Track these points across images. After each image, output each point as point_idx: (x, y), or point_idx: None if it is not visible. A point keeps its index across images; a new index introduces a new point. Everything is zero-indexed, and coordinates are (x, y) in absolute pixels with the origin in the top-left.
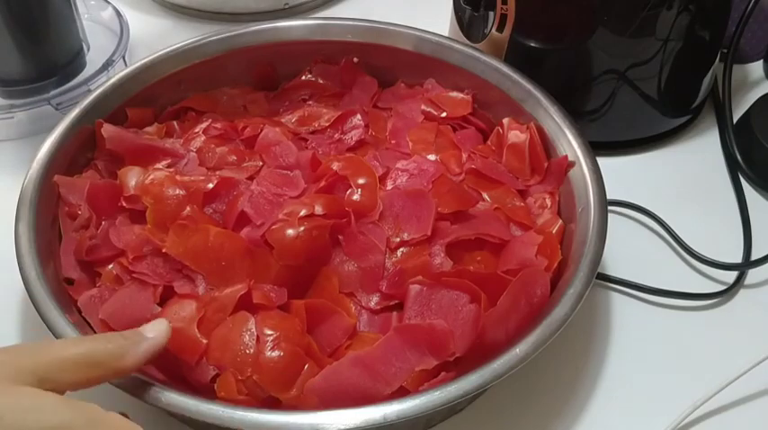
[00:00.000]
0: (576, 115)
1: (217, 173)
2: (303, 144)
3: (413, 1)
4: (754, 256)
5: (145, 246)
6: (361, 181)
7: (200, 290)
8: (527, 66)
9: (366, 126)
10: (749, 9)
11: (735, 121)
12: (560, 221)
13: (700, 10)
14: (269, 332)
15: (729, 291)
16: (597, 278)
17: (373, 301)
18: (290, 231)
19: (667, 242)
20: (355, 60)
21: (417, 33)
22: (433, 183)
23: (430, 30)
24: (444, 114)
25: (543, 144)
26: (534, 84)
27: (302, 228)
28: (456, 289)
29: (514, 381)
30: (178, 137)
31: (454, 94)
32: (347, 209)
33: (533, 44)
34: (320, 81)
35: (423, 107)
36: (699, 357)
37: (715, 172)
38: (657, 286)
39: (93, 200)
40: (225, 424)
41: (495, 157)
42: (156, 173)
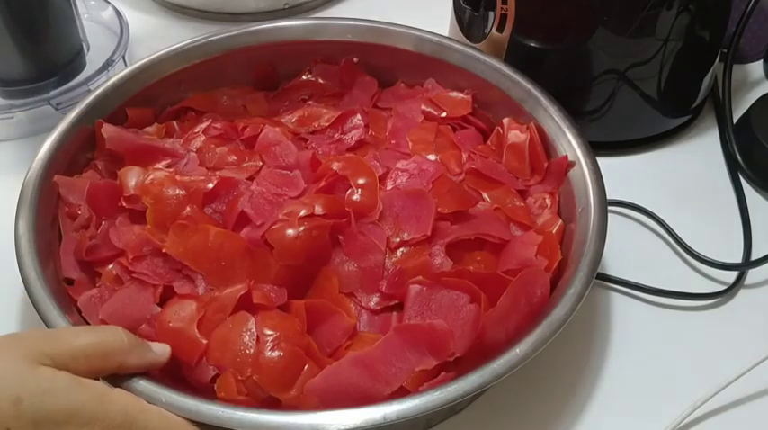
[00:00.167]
0: (576, 115)
1: (217, 173)
2: (303, 144)
3: (413, 1)
4: (754, 256)
5: (145, 246)
6: (361, 181)
7: (199, 290)
8: (527, 66)
9: (366, 126)
10: (749, 9)
11: (735, 121)
12: (560, 221)
13: (700, 10)
14: (269, 332)
15: (729, 291)
16: (597, 278)
17: (373, 301)
18: (290, 231)
19: (667, 242)
20: (355, 60)
21: (417, 33)
22: (433, 183)
23: (430, 30)
24: (444, 114)
25: (543, 144)
26: (534, 84)
27: (302, 228)
28: (456, 289)
29: (514, 381)
30: (178, 137)
31: (454, 94)
32: (347, 209)
33: (533, 44)
34: (320, 81)
35: (423, 107)
36: (699, 357)
37: (715, 172)
38: (657, 286)
39: (93, 200)
40: (224, 424)
41: (495, 157)
42: (156, 173)
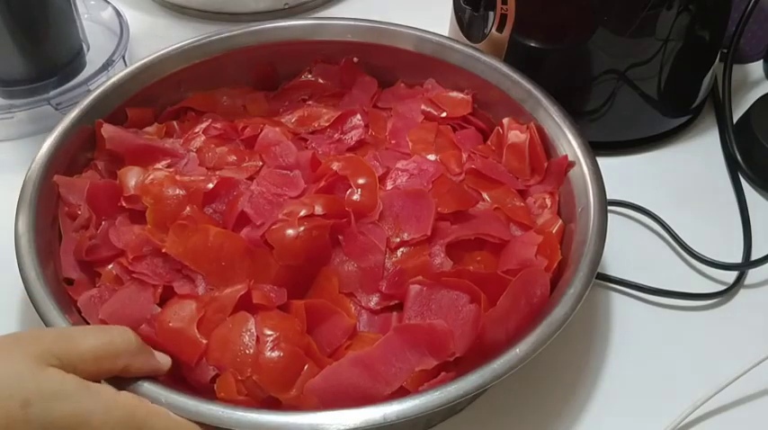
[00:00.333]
0: (576, 115)
1: (217, 173)
2: (303, 144)
3: (413, 1)
4: (754, 256)
5: (145, 246)
6: (360, 181)
7: (199, 290)
8: (527, 66)
9: (366, 126)
10: (749, 9)
11: (735, 121)
12: (560, 221)
13: (700, 10)
14: (269, 332)
15: (729, 291)
16: (597, 278)
17: (373, 301)
18: (290, 231)
19: (667, 242)
20: (355, 60)
21: (417, 33)
22: (433, 183)
23: (430, 30)
24: (444, 114)
25: (543, 144)
26: (534, 84)
27: (302, 228)
28: (456, 289)
29: (514, 381)
30: (178, 137)
31: (454, 94)
32: (347, 209)
33: (533, 44)
34: (320, 81)
35: (423, 107)
36: (699, 357)
37: (715, 172)
38: (657, 286)
39: (92, 200)
40: (224, 424)
41: (495, 157)
42: (156, 173)
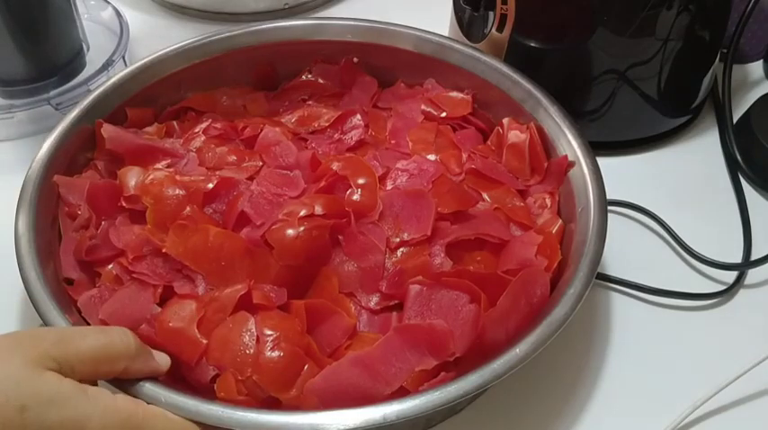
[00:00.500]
0: (576, 115)
1: (217, 173)
2: (303, 144)
3: (413, 1)
4: (753, 256)
5: (145, 247)
6: (360, 181)
7: (199, 290)
8: (527, 66)
9: (366, 126)
10: (749, 9)
11: (735, 121)
12: (560, 221)
13: (700, 10)
14: (269, 332)
15: (729, 291)
16: (597, 278)
17: (373, 301)
18: (290, 231)
19: (667, 242)
20: (355, 60)
21: (417, 33)
22: (433, 183)
23: (430, 30)
24: (444, 114)
25: (543, 144)
26: (534, 84)
27: (302, 228)
28: (456, 289)
29: (514, 382)
30: (178, 137)
31: (454, 94)
32: (347, 209)
33: (533, 44)
34: (320, 81)
35: (422, 107)
36: (699, 357)
37: (715, 172)
38: (657, 286)
39: (92, 200)
40: (224, 424)
41: (494, 157)
42: (156, 173)
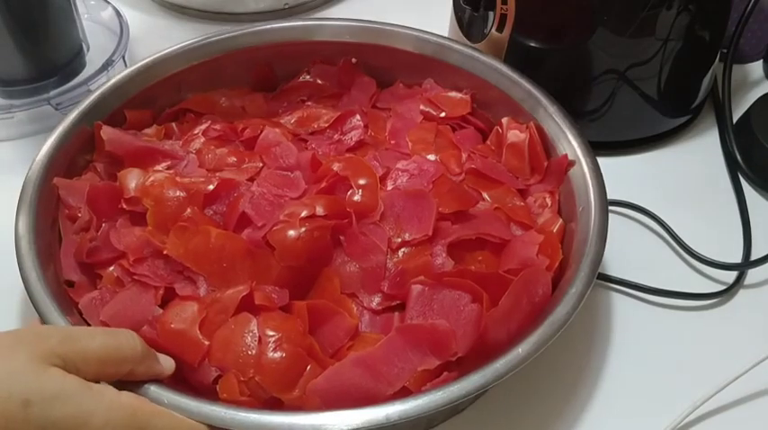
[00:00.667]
0: (576, 115)
1: (217, 174)
2: (303, 145)
3: (413, 1)
4: (753, 256)
5: (145, 248)
6: (361, 181)
7: (201, 291)
8: (527, 66)
9: (365, 126)
10: (749, 9)
11: (735, 121)
12: (561, 220)
13: (700, 10)
14: (271, 333)
15: (729, 291)
16: (597, 278)
17: (375, 302)
18: (292, 232)
19: (667, 242)
20: (353, 61)
21: (415, 33)
22: (434, 183)
23: (430, 30)
24: (443, 114)
25: (543, 144)
26: (534, 84)
27: (303, 229)
28: (458, 289)
29: (516, 381)
30: (177, 138)
31: (453, 94)
32: (348, 209)
33: (533, 44)
34: (318, 82)
35: (421, 107)
36: (699, 357)
37: (715, 172)
38: (657, 286)
39: (93, 202)
40: (227, 425)
41: (494, 157)
42: (157, 174)
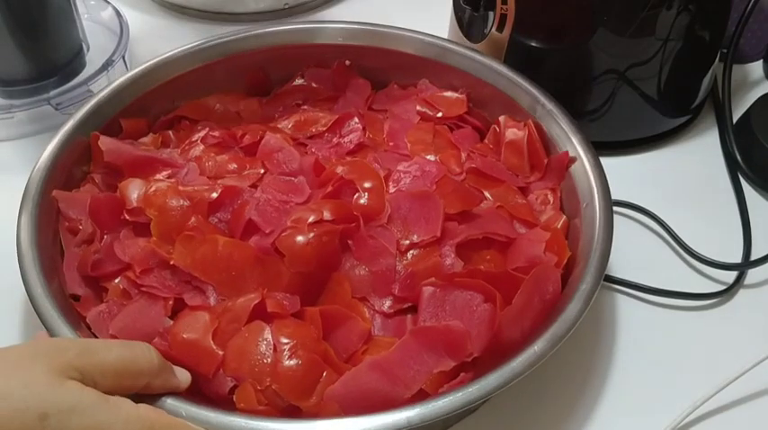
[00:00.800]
0: (577, 115)
1: (218, 182)
2: (302, 149)
3: (412, 1)
4: (753, 256)
5: (151, 259)
6: (367, 184)
7: (211, 301)
8: (527, 66)
9: (363, 129)
10: (749, 9)
11: (735, 121)
12: (564, 217)
13: (700, 10)
14: (285, 340)
15: (729, 291)
16: None
17: (386, 305)
18: (300, 238)
19: (667, 242)
20: (347, 63)
21: (410, 34)
22: (437, 183)
23: (430, 30)
24: (440, 114)
25: (543, 141)
26: (533, 83)
27: (312, 235)
28: (470, 289)
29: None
30: (175, 146)
31: (449, 94)
32: (355, 213)
33: (533, 44)
34: (313, 85)
35: (418, 108)
36: (699, 357)
37: (715, 172)
38: (657, 286)
39: (95, 214)
40: None
41: (493, 156)
42: (159, 184)
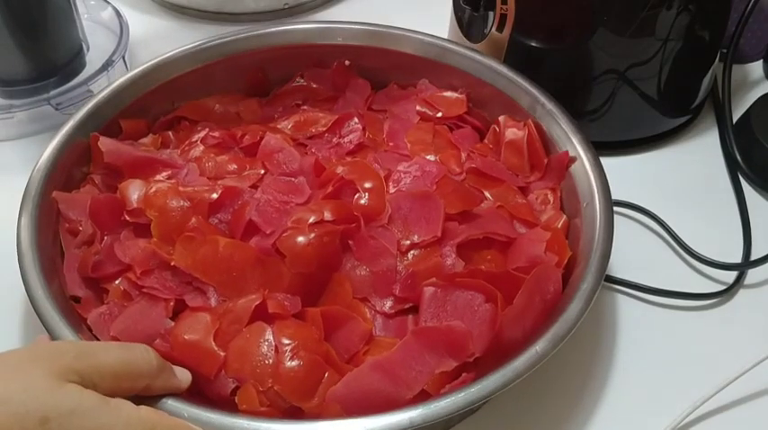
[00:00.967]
0: (577, 115)
1: (219, 182)
2: (302, 149)
3: (412, 1)
4: (753, 256)
5: (152, 260)
6: (367, 185)
7: (212, 302)
8: (527, 66)
9: (363, 129)
10: (749, 9)
11: (734, 121)
12: (564, 217)
13: (700, 10)
14: (287, 341)
15: (729, 291)
16: None
17: (387, 305)
18: (301, 238)
19: (667, 242)
20: (347, 63)
21: (410, 35)
22: (437, 183)
23: (429, 30)
24: (440, 114)
25: (542, 141)
26: (533, 83)
27: (313, 235)
28: (471, 289)
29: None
30: (174, 147)
31: (448, 94)
32: (356, 213)
33: (533, 44)
34: (313, 85)
35: (417, 108)
36: (699, 357)
37: (715, 172)
38: (657, 286)
39: (95, 215)
40: None
41: (493, 156)
42: (159, 185)
